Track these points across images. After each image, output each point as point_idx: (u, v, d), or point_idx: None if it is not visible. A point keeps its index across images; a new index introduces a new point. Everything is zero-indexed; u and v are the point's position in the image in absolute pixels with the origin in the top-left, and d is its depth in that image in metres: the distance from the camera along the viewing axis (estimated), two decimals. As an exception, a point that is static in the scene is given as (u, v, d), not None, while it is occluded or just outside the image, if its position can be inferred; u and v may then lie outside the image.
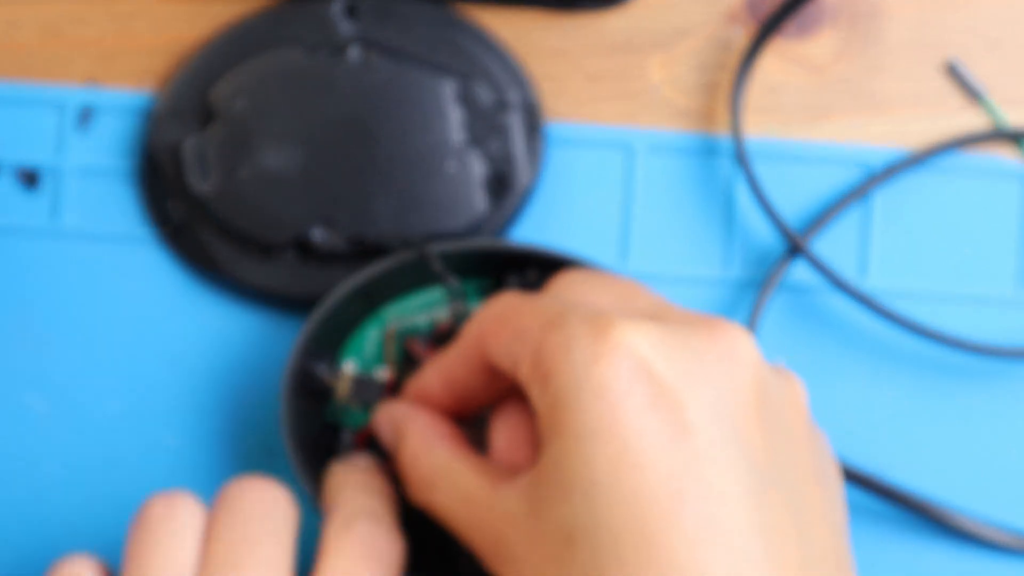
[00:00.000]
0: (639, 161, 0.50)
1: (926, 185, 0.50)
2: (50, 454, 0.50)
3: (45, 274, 0.50)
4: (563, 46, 0.50)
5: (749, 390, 0.38)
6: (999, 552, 0.49)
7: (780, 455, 0.38)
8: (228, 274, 0.49)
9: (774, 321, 0.50)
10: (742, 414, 0.37)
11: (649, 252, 0.50)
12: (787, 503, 0.37)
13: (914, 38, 0.51)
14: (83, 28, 0.51)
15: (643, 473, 0.35)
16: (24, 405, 0.50)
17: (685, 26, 0.51)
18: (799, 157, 0.50)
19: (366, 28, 0.49)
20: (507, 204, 0.48)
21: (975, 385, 0.50)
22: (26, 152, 0.50)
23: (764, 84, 0.50)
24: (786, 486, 0.37)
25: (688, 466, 0.36)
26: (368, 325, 0.47)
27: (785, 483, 0.37)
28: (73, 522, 0.50)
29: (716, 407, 0.37)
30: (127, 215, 0.50)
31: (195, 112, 0.49)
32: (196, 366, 0.50)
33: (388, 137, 0.48)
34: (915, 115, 0.50)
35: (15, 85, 0.50)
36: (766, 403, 0.38)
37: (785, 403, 0.39)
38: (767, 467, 0.37)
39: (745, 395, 0.37)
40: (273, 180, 0.48)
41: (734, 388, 0.37)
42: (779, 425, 0.38)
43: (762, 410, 0.38)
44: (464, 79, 0.49)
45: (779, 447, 0.38)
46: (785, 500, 0.37)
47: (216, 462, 0.50)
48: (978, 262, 0.50)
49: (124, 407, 0.50)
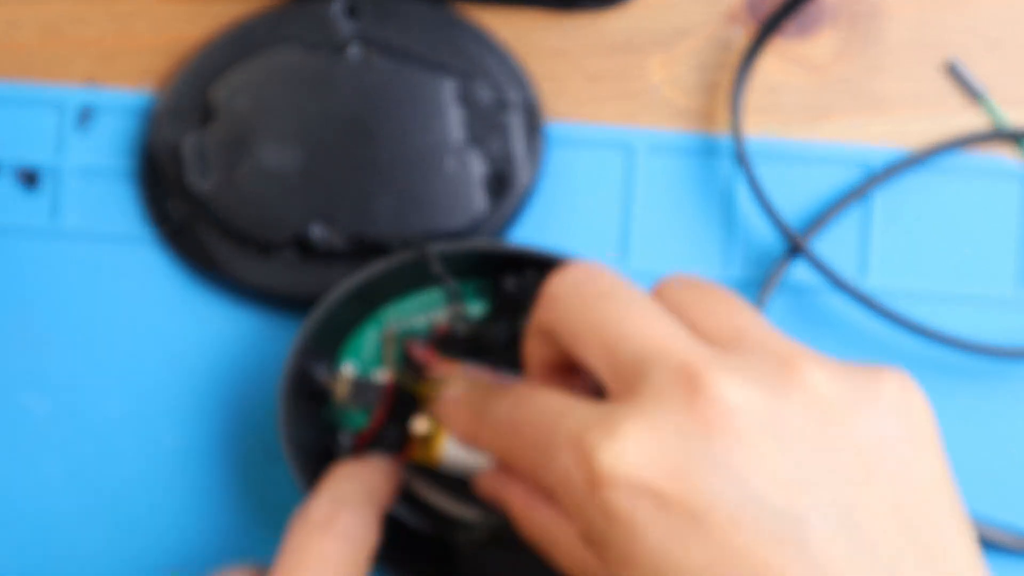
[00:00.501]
0: (639, 161, 0.50)
1: (926, 185, 0.50)
2: (50, 454, 0.50)
3: (45, 274, 0.50)
4: (563, 46, 0.50)
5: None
6: (999, 552, 0.49)
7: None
8: (228, 273, 0.49)
9: (774, 321, 0.50)
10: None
11: (649, 252, 0.50)
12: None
13: (914, 38, 0.51)
14: (83, 28, 0.51)
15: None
16: (24, 405, 0.50)
17: (685, 26, 0.51)
18: (799, 157, 0.50)
19: (366, 28, 0.49)
20: (507, 204, 0.48)
21: (975, 385, 0.50)
22: (26, 152, 0.50)
23: (764, 84, 0.50)
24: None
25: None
26: (367, 327, 0.47)
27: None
28: (73, 522, 0.50)
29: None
30: (127, 215, 0.50)
31: (195, 112, 0.49)
32: (196, 366, 0.50)
33: (388, 137, 0.48)
34: (915, 115, 0.50)
35: (15, 85, 0.50)
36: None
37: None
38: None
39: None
40: (273, 179, 0.48)
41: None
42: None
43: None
44: (464, 79, 0.49)
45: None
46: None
47: (216, 462, 0.50)
48: (978, 262, 0.50)
49: (124, 407, 0.50)
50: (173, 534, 0.50)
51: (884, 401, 0.36)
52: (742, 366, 0.36)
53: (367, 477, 0.44)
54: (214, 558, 0.50)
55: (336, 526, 0.42)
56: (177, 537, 0.50)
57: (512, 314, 0.47)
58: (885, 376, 0.37)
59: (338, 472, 0.44)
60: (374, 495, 0.44)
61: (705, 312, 0.38)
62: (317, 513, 0.42)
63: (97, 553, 0.50)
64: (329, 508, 0.42)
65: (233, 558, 0.50)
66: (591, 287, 0.38)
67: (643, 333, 0.37)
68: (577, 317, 0.38)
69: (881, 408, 0.36)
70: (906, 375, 0.37)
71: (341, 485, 0.43)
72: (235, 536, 0.50)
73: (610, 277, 0.39)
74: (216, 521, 0.50)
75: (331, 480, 0.44)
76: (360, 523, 0.42)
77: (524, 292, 0.46)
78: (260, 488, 0.50)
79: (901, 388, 0.37)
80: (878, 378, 0.37)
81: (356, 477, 0.44)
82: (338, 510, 0.42)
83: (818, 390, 0.36)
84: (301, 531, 0.42)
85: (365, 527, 0.42)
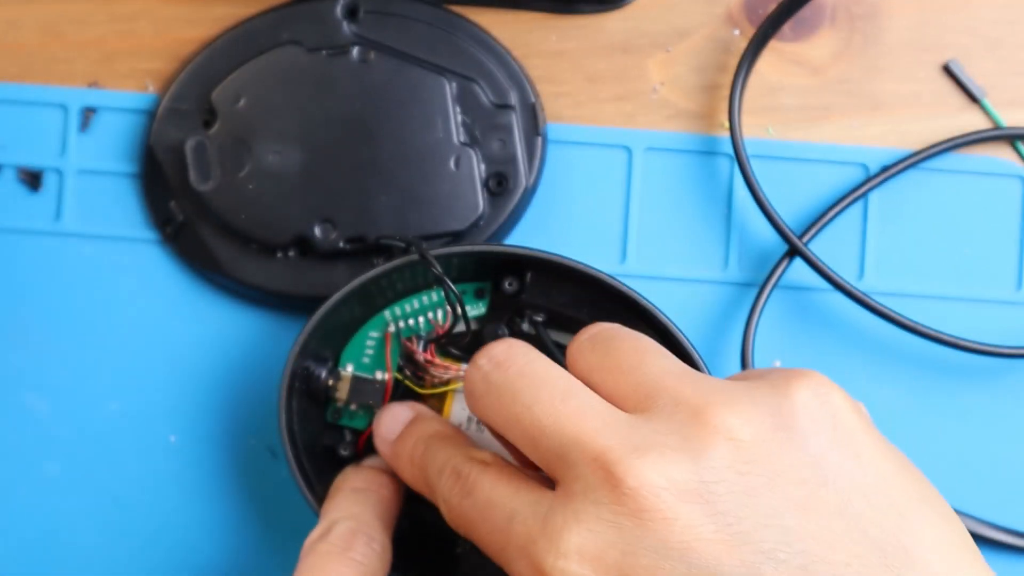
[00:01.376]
0: (638, 162, 0.50)
1: (924, 185, 0.50)
2: (50, 454, 0.50)
3: (48, 274, 0.50)
4: (563, 47, 0.51)
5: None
6: (999, 552, 0.49)
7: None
8: (229, 274, 0.49)
9: (773, 321, 0.50)
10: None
11: (648, 253, 0.50)
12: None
13: (912, 39, 0.51)
14: (85, 29, 0.51)
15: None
16: (24, 405, 0.50)
17: (684, 27, 0.51)
18: (798, 158, 0.50)
19: (367, 29, 0.49)
20: (507, 204, 0.49)
21: (974, 385, 0.50)
22: (29, 153, 0.50)
23: (763, 85, 0.50)
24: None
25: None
26: (367, 327, 0.47)
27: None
28: (73, 522, 0.50)
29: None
30: (129, 215, 0.50)
31: (197, 113, 0.49)
32: (197, 366, 0.50)
33: (389, 137, 0.48)
34: (913, 116, 0.51)
35: (17, 86, 0.51)
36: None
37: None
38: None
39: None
40: (274, 180, 0.48)
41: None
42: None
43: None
44: (464, 79, 0.49)
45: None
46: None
47: (216, 462, 0.50)
48: (977, 262, 0.50)
49: (125, 407, 0.50)
50: (173, 534, 0.50)
51: (801, 417, 0.36)
52: (654, 436, 0.36)
53: (379, 495, 0.44)
54: (215, 558, 0.50)
55: (353, 553, 0.42)
56: (178, 537, 0.50)
57: (510, 315, 0.47)
58: (795, 387, 0.37)
59: (349, 486, 0.44)
60: (386, 515, 0.44)
61: (613, 373, 0.39)
62: (333, 537, 0.42)
63: (97, 553, 0.50)
64: (346, 532, 0.42)
65: (233, 557, 0.50)
66: (499, 376, 0.39)
67: (557, 421, 0.37)
68: (494, 414, 0.39)
69: (801, 428, 0.36)
70: (816, 378, 0.37)
71: (354, 506, 0.43)
72: (236, 536, 0.50)
73: (518, 358, 0.39)
74: (216, 521, 0.50)
75: (343, 498, 0.44)
76: (377, 550, 0.42)
77: (522, 293, 0.46)
78: (261, 488, 0.50)
79: (815, 395, 0.37)
80: (789, 392, 0.37)
81: (370, 498, 0.44)
82: (355, 535, 0.42)
83: (735, 436, 0.36)
84: (317, 556, 0.42)
85: (381, 553, 0.42)
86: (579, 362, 0.40)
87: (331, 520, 0.43)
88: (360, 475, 0.45)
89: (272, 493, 0.50)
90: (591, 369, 0.39)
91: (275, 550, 0.50)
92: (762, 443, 0.36)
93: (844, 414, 0.37)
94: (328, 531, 0.42)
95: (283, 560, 0.50)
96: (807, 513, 0.35)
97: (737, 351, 0.49)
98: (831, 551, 0.34)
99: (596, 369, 0.39)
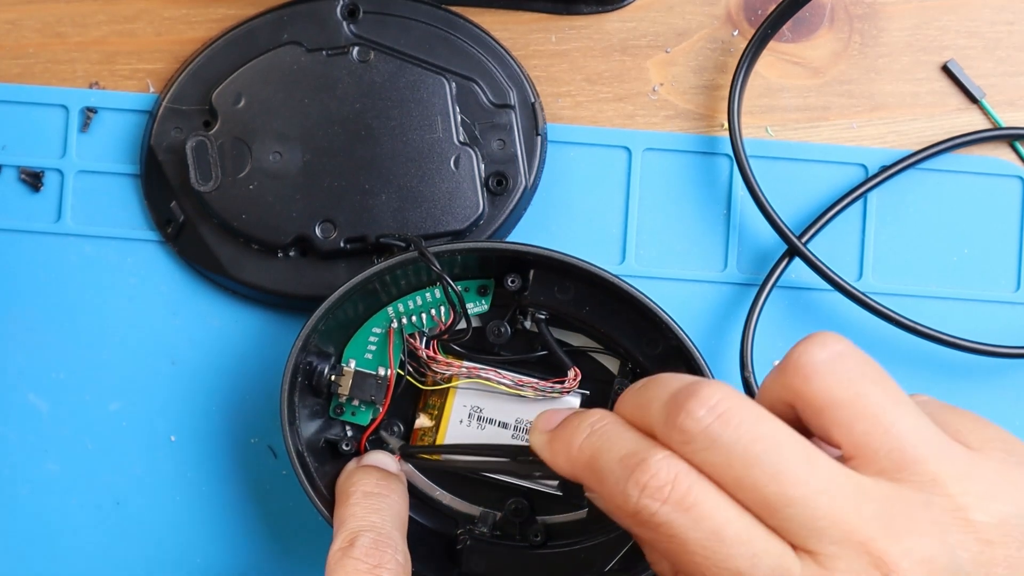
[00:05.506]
0: (638, 162, 0.50)
1: (923, 185, 0.50)
2: (50, 454, 0.50)
3: (49, 274, 0.50)
4: (563, 47, 0.51)
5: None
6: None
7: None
8: (230, 274, 0.49)
9: (772, 321, 0.50)
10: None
11: (648, 253, 0.50)
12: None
13: (912, 40, 0.51)
14: (85, 30, 0.51)
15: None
16: (25, 405, 0.50)
17: (684, 28, 0.51)
18: (797, 158, 0.50)
19: (367, 29, 0.49)
20: (507, 204, 0.49)
21: (974, 385, 0.50)
22: (30, 153, 0.50)
23: (762, 85, 0.51)
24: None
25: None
26: (370, 323, 0.47)
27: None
28: (74, 521, 0.50)
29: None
30: (130, 216, 0.50)
31: (197, 113, 0.49)
32: (197, 366, 0.50)
33: (389, 137, 0.48)
34: (913, 116, 0.51)
35: (18, 87, 0.51)
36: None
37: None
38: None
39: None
40: (274, 180, 0.48)
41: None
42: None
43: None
44: (464, 79, 0.49)
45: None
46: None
47: (217, 462, 0.50)
48: (976, 262, 0.50)
49: (124, 407, 0.50)
50: (174, 534, 0.50)
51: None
52: (913, 515, 0.36)
53: (393, 501, 0.44)
54: (215, 557, 0.50)
55: (382, 571, 0.42)
56: (178, 537, 0.50)
57: (513, 312, 0.47)
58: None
59: (361, 490, 0.44)
60: (402, 522, 0.44)
61: (860, 425, 0.37)
62: (359, 552, 0.42)
63: (97, 552, 0.50)
64: (371, 546, 0.42)
65: (234, 557, 0.50)
66: (728, 434, 0.36)
67: (806, 496, 0.36)
68: (721, 473, 0.36)
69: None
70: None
71: (372, 515, 0.43)
72: (236, 536, 0.50)
73: (743, 413, 0.36)
74: (217, 521, 0.50)
75: (358, 504, 0.44)
76: (401, 561, 0.43)
77: (525, 290, 0.46)
78: (261, 488, 0.50)
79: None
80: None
81: (385, 504, 0.44)
82: (380, 548, 0.42)
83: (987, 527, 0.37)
84: (346, 574, 0.42)
85: (405, 564, 0.43)
86: (825, 390, 0.37)
87: (350, 531, 0.43)
88: (370, 478, 0.45)
89: (272, 493, 0.50)
90: (935, 416, 0.38)
91: (276, 549, 0.50)
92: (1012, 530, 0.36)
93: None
94: (352, 544, 0.42)
95: (284, 560, 0.50)
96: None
97: (736, 350, 0.49)
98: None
99: (943, 420, 0.38)
